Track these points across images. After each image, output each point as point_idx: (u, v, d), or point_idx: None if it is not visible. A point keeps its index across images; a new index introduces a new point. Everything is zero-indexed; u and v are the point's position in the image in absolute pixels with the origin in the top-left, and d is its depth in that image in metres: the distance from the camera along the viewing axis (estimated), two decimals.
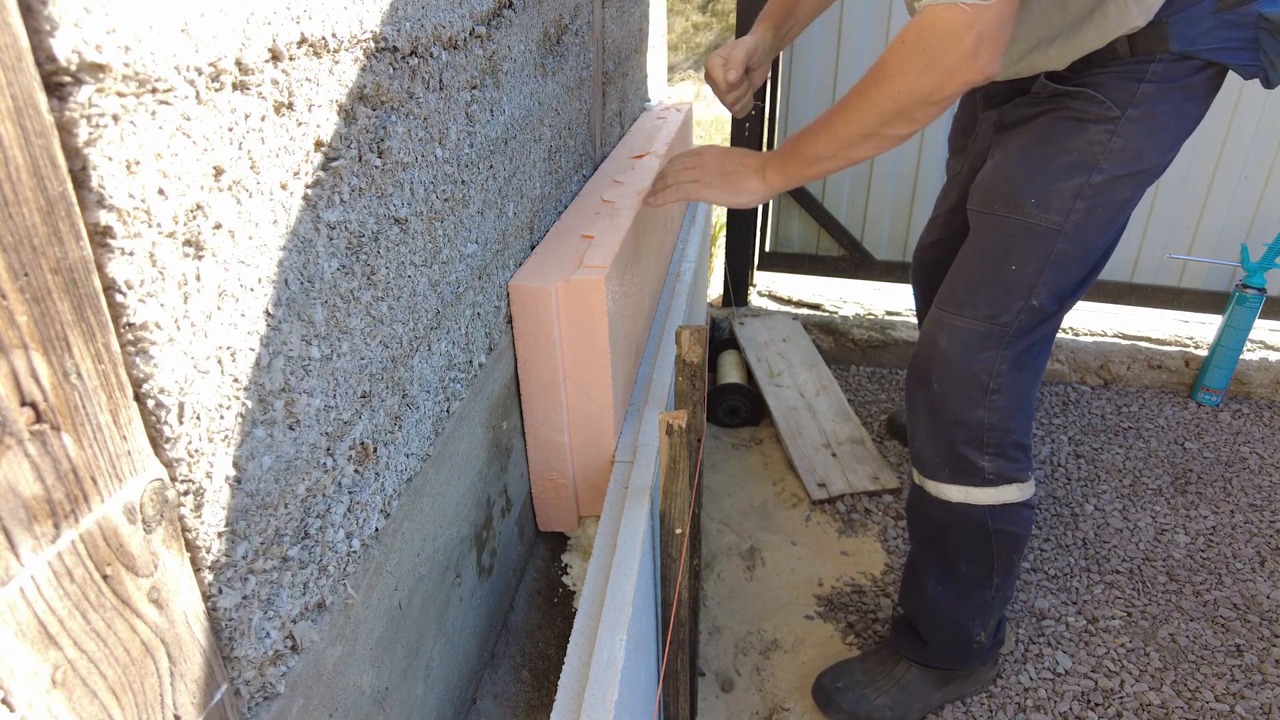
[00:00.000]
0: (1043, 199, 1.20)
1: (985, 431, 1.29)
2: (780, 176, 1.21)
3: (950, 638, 1.45)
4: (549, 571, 1.42)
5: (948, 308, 1.29)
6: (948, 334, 1.28)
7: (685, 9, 10.46)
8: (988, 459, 1.30)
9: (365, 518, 0.80)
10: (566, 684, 0.88)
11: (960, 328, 1.27)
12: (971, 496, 1.33)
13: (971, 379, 1.27)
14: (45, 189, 0.41)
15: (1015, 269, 1.23)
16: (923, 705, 1.49)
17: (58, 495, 0.43)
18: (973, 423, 1.29)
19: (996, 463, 1.31)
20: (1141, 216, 2.48)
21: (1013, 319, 1.24)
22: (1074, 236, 1.20)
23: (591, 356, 1.19)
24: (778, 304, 2.89)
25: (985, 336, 1.26)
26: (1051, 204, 1.19)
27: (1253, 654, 1.62)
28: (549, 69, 1.31)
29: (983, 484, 1.32)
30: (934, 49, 0.98)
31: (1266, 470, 2.16)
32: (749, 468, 2.24)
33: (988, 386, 1.27)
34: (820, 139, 1.13)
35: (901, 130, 1.06)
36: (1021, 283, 1.23)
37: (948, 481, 1.34)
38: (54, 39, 0.41)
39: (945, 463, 1.33)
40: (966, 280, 1.28)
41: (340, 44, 0.68)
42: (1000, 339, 1.25)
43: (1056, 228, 1.20)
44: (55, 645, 0.43)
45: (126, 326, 0.48)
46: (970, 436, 1.30)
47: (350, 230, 0.73)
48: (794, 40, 1.54)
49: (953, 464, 1.32)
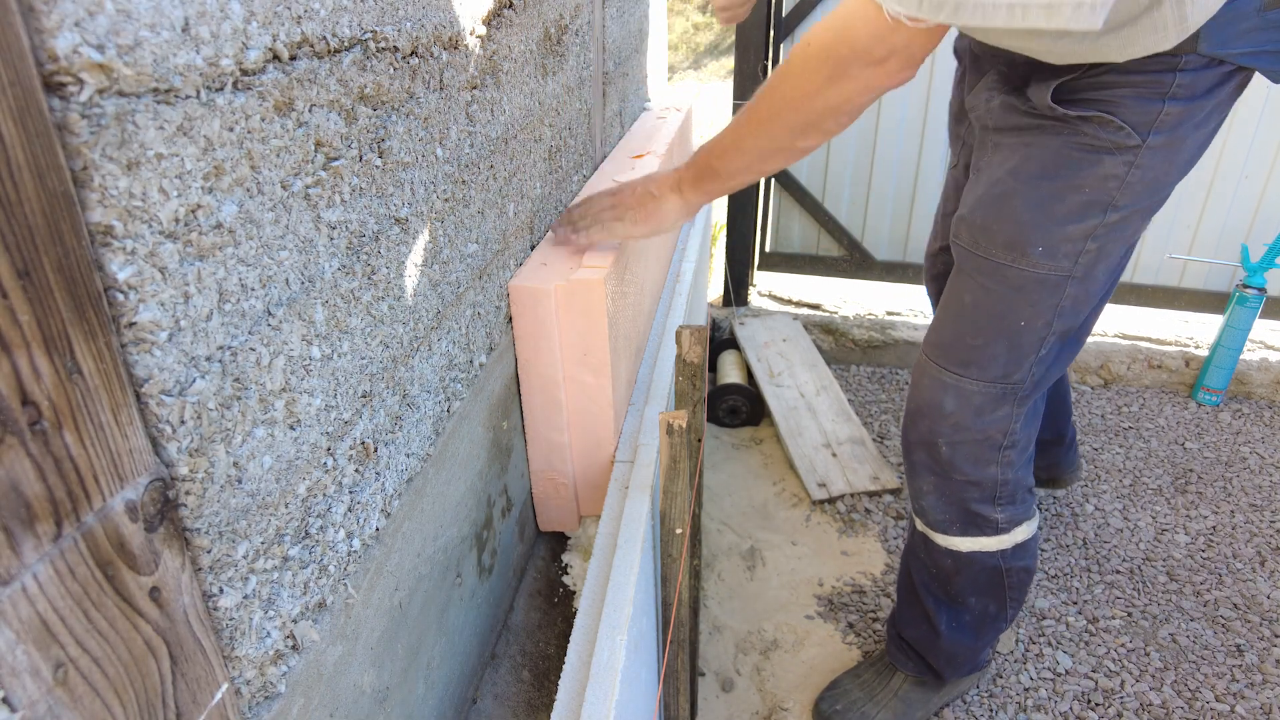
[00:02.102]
0: (1050, 246, 1.06)
1: (999, 487, 1.23)
2: (697, 194, 1.15)
3: (964, 665, 1.43)
4: (549, 571, 1.42)
5: (951, 367, 1.17)
6: (954, 397, 1.18)
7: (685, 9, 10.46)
8: (1000, 510, 1.25)
9: (366, 517, 0.80)
10: (567, 684, 0.88)
11: (969, 391, 1.16)
12: (982, 545, 1.28)
13: (985, 441, 1.19)
14: (47, 188, 0.41)
15: (1024, 324, 1.11)
16: (924, 713, 1.47)
17: (59, 494, 0.43)
18: (986, 481, 1.22)
19: (1008, 511, 1.26)
20: None
21: (1026, 375, 1.14)
22: (1084, 280, 1.08)
23: (591, 357, 1.19)
24: (778, 304, 2.89)
25: (998, 398, 1.16)
26: (1060, 249, 1.06)
27: (1253, 654, 1.62)
28: (549, 69, 1.31)
29: (995, 533, 1.27)
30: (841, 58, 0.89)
31: (1267, 470, 2.16)
32: (749, 468, 2.24)
33: (1001, 444, 1.19)
34: (731, 156, 1.07)
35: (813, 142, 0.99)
36: (1033, 338, 1.12)
37: (959, 535, 1.28)
38: (55, 39, 0.41)
39: (955, 519, 1.27)
40: (968, 336, 1.15)
41: (341, 44, 0.69)
42: (1013, 397, 1.16)
43: (1066, 274, 1.07)
44: (57, 643, 0.43)
45: (128, 326, 0.48)
46: (983, 495, 1.23)
47: (351, 230, 0.73)
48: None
49: (964, 520, 1.26)
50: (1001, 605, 1.34)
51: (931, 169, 2.57)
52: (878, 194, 2.65)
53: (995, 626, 1.37)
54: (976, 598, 1.33)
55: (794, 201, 2.74)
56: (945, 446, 1.20)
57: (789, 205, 2.76)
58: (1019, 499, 1.25)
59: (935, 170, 2.56)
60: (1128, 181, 1.01)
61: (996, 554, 1.28)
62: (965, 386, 1.16)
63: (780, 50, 2.53)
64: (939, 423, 1.20)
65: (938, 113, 2.48)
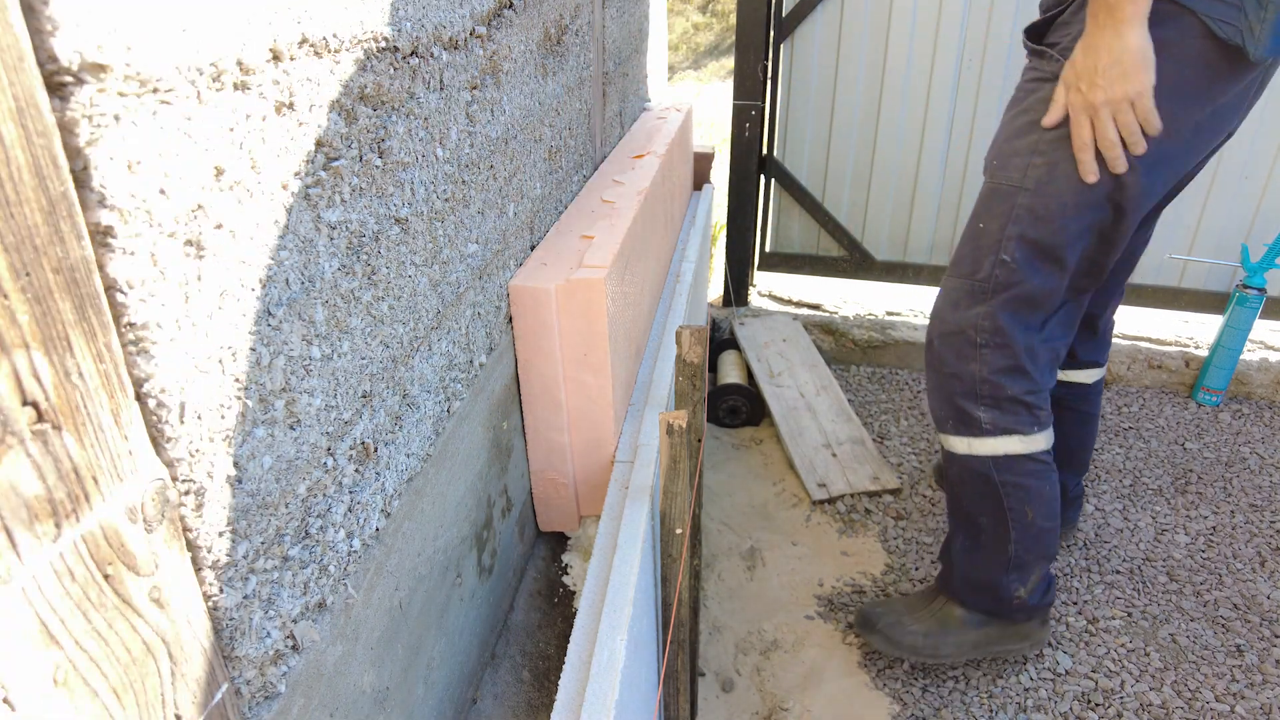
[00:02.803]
0: (1003, 159, 1.27)
1: (978, 384, 1.35)
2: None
3: (985, 592, 1.48)
4: (549, 571, 1.42)
5: (948, 270, 1.40)
6: (942, 294, 1.39)
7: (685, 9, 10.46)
8: (983, 410, 1.37)
9: (366, 517, 0.80)
10: (567, 684, 0.88)
11: (950, 287, 1.37)
12: (974, 448, 1.39)
13: (960, 334, 1.35)
14: (47, 189, 0.41)
15: (983, 226, 1.31)
16: (957, 640, 1.50)
17: (59, 495, 0.43)
18: (965, 375, 1.36)
19: (992, 414, 1.36)
20: None
21: (988, 274, 1.31)
22: (1037, 193, 1.23)
23: (591, 357, 1.19)
24: (778, 304, 2.89)
25: (968, 293, 1.34)
26: (1011, 163, 1.26)
27: (1253, 654, 1.62)
28: (549, 69, 1.31)
29: (982, 434, 1.38)
30: None
31: (1266, 470, 2.16)
32: (749, 468, 2.24)
33: (976, 342, 1.34)
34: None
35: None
36: (990, 240, 1.29)
37: (953, 433, 1.42)
38: (55, 39, 0.41)
39: (949, 415, 1.41)
40: (959, 245, 1.38)
41: (341, 44, 0.69)
42: (981, 295, 1.32)
43: (1016, 185, 1.25)
44: (57, 645, 0.43)
45: (128, 326, 0.48)
46: (964, 389, 1.37)
47: (351, 230, 0.73)
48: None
49: (955, 416, 1.40)
50: (1001, 525, 1.42)
51: (931, 169, 2.57)
52: (878, 194, 2.65)
53: (1002, 550, 1.43)
54: (985, 516, 1.43)
55: (794, 201, 2.74)
56: (936, 340, 1.39)
57: (789, 205, 2.76)
58: (1003, 407, 1.36)
59: (935, 170, 2.56)
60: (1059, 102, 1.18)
61: (987, 460, 1.39)
62: (948, 284, 1.38)
63: (780, 50, 2.53)
64: (933, 321, 1.40)
65: (938, 113, 2.48)
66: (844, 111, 2.56)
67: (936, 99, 2.47)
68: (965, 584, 1.50)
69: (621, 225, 1.33)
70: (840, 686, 1.57)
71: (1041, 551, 1.44)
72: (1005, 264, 1.28)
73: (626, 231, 1.31)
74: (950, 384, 1.38)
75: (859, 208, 2.70)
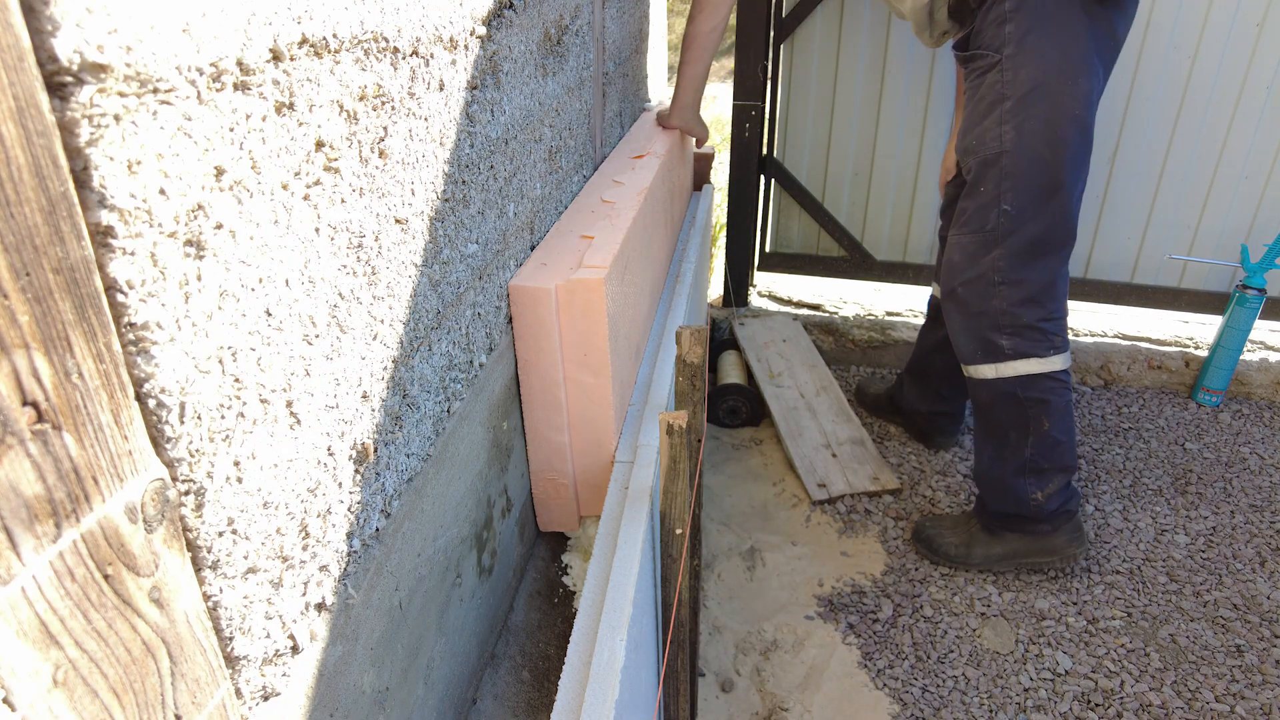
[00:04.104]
0: (980, 137, 1.60)
1: (999, 316, 1.63)
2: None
3: (1008, 495, 1.73)
4: (549, 572, 1.42)
5: (954, 230, 1.69)
6: (958, 249, 1.67)
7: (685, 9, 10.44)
8: (1005, 338, 1.64)
9: (366, 517, 0.80)
10: (567, 684, 0.88)
11: (965, 242, 1.66)
12: (1000, 371, 1.66)
13: (981, 278, 1.63)
14: (47, 189, 0.41)
15: (984, 190, 1.61)
16: (985, 553, 1.80)
17: (59, 495, 0.43)
18: (989, 311, 1.64)
19: (1014, 341, 1.63)
20: (1142, 217, 2.48)
21: (995, 225, 1.60)
22: (1016, 151, 1.55)
23: (591, 357, 1.19)
24: (778, 304, 2.89)
25: (982, 244, 1.62)
26: (987, 137, 1.58)
27: (1253, 654, 1.62)
28: (549, 69, 1.31)
29: (1006, 359, 1.65)
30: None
31: (1266, 470, 2.16)
32: (749, 468, 2.24)
33: (994, 280, 1.62)
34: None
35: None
36: (989, 198, 1.60)
37: (982, 362, 1.68)
38: (56, 39, 0.41)
39: (977, 348, 1.68)
40: (961, 208, 1.68)
41: (341, 44, 0.69)
42: (993, 242, 1.61)
43: (999, 150, 1.56)
44: (56, 645, 0.43)
45: (128, 326, 0.48)
46: (990, 323, 1.64)
47: (351, 230, 0.73)
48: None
49: (983, 347, 1.67)
50: (1023, 435, 1.68)
51: (931, 169, 2.56)
52: (878, 194, 2.65)
53: (1018, 454, 1.69)
54: (1007, 426, 1.70)
55: (794, 201, 2.73)
56: (960, 288, 1.68)
57: (789, 205, 2.76)
58: (1023, 334, 1.63)
59: (935, 170, 2.56)
60: (1004, 80, 1.54)
61: (1013, 380, 1.65)
62: (962, 239, 1.67)
63: (780, 50, 2.53)
64: (952, 270, 1.69)
65: (938, 113, 2.48)
66: (844, 111, 2.56)
67: (937, 99, 2.47)
68: (991, 489, 1.76)
69: (621, 225, 1.33)
70: (840, 686, 1.57)
71: (1058, 462, 1.69)
72: (1007, 213, 1.58)
73: (626, 232, 1.31)
74: (977, 321, 1.66)
75: (859, 208, 2.69)
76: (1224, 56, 2.23)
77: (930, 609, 1.74)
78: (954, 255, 1.68)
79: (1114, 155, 2.41)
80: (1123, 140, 2.39)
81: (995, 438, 1.73)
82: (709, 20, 1.78)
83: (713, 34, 1.80)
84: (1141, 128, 2.36)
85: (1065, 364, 1.65)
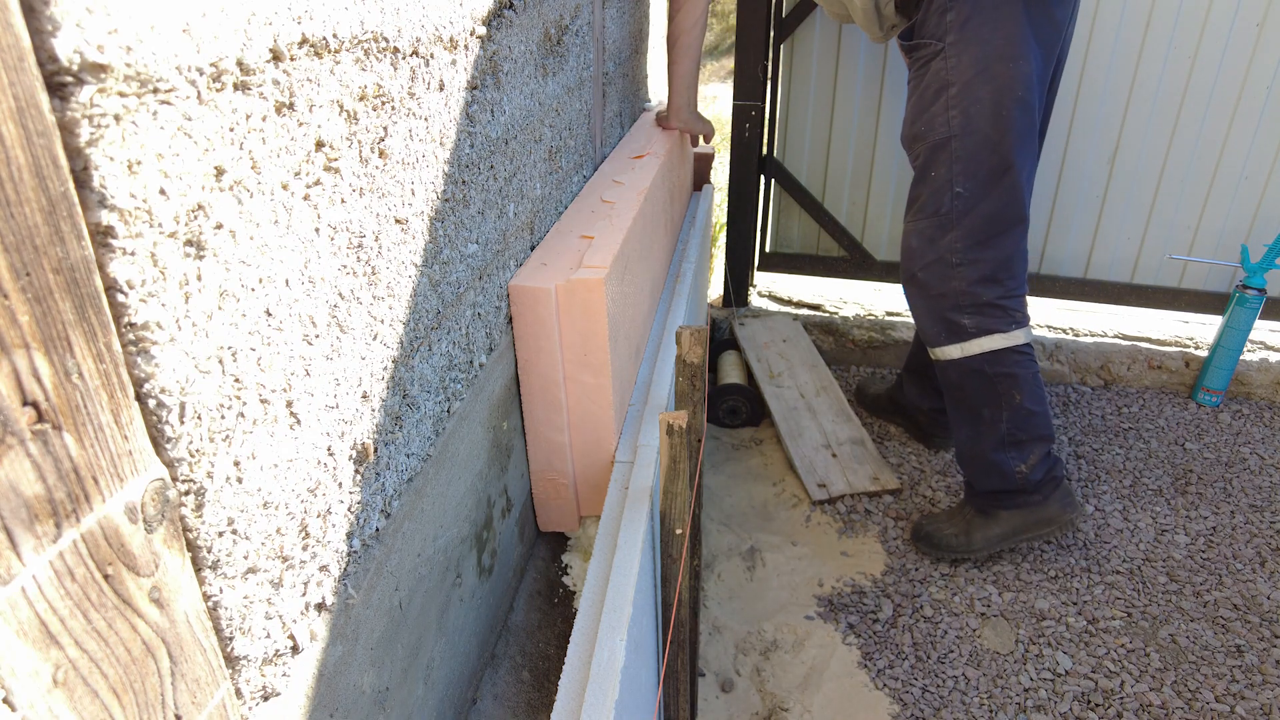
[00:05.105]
0: (927, 123, 1.64)
1: (960, 296, 1.67)
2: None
3: (993, 472, 1.76)
4: (549, 572, 1.42)
5: (909, 218, 1.74)
6: (914, 235, 1.71)
7: None
8: (967, 317, 1.68)
9: (366, 517, 0.80)
10: (567, 684, 0.88)
11: (921, 227, 1.69)
12: (966, 349, 1.70)
13: (940, 260, 1.67)
14: (47, 189, 0.41)
15: (935, 174, 1.65)
16: (983, 536, 1.81)
17: (59, 495, 0.43)
18: (950, 292, 1.68)
19: (975, 319, 1.67)
20: (1142, 217, 2.48)
21: (950, 207, 1.64)
22: (964, 134, 1.59)
23: (591, 357, 1.19)
24: (778, 304, 2.89)
25: (938, 226, 1.66)
26: (934, 123, 1.62)
27: (1253, 654, 1.62)
28: (549, 69, 1.31)
29: (970, 337, 1.68)
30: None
31: (1266, 470, 2.16)
32: (749, 468, 2.24)
33: (952, 262, 1.66)
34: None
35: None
36: (943, 181, 1.63)
37: (947, 343, 1.72)
38: (56, 39, 0.41)
39: (941, 329, 1.71)
40: (914, 196, 1.72)
41: (341, 44, 0.69)
42: (949, 224, 1.65)
43: (947, 134, 1.60)
44: (56, 645, 0.43)
45: (128, 326, 0.48)
46: (951, 304, 1.68)
47: (351, 230, 0.73)
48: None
49: (946, 328, 1.71)
50: (996, 410, 1.71)
51: None
52: (878, 194, 2.65)
53: (995, 430, 1.72)
54: (978, 404, 1.73)
55: (794, 201, 2.73)
56: (919, 272, 1.71)
57: (789, 205, 2.76)
58: (984, 312, 1.67)
59: None
60: (948, 67, 1.57)
61: (980, 358, 1.69)
62: (918, 225, 1.70)
63: (780, 50, 2.53)
64: (910, 256, 1.72)
65: None
66: (844, 111, 2.56)
67: None
68: (975, 469, 1.78)
69: (621, 225, 1.33)
70: (840, 686, 1.57)
71: (1035, 431, 1.72)
72: (960, 195, 1.62)
73: (626, 232, 1.31)
74: (939, 303, 1.69)
75: (859, 208, 2.69)
76: (1224, 57, 2.23)
77: (930, 609, 1.74)
78: (911, 241, 1.71)
79: (1114, 155, 2.41)
80: (1123, 140, 2.39)
81: (970, 416, 1.76)
82: (689, 16, 1.78)
83: (695, 29, 1.80)
84: (1141, 128, 2.36)
85: (1028, 338, 1.69)
